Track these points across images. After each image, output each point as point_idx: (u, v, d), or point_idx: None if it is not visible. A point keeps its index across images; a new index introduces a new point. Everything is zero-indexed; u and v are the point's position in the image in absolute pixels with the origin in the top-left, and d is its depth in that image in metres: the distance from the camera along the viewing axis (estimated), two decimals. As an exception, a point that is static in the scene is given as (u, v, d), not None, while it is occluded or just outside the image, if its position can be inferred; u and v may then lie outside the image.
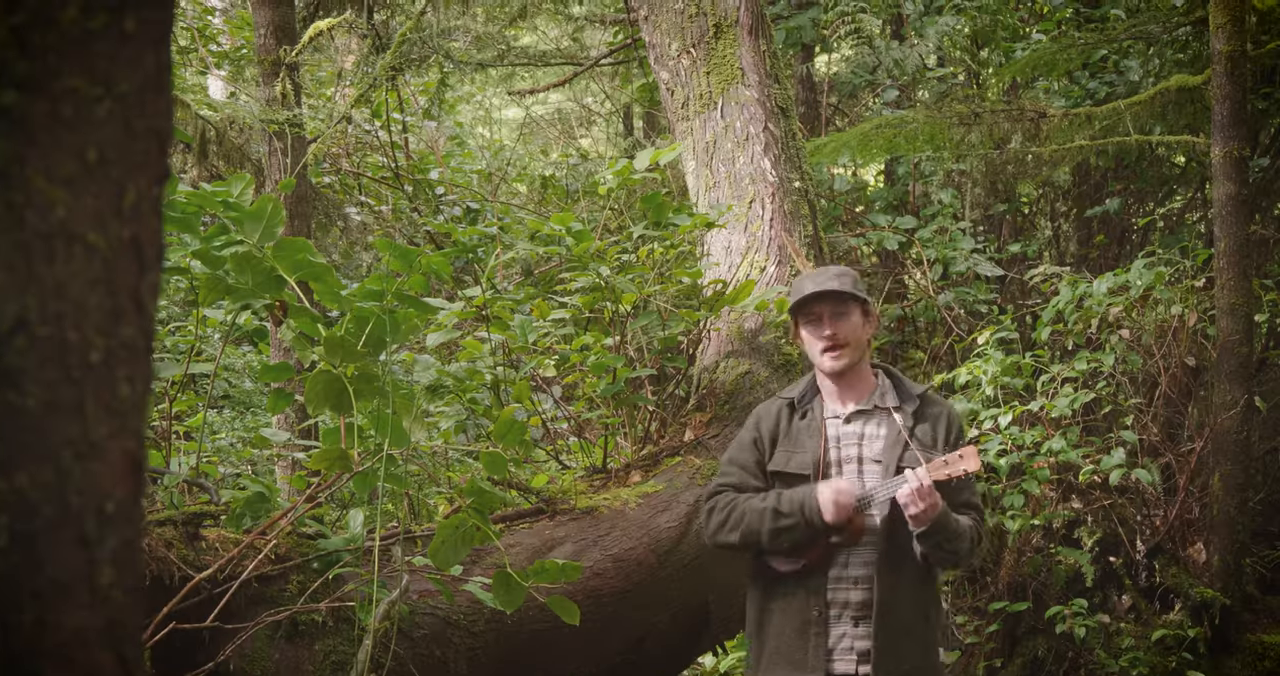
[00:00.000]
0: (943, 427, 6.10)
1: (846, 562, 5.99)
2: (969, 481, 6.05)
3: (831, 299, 6.06)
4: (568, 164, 18.79)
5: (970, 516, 5.98)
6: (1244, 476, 10.43)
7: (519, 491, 7.39)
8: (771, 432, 6.28)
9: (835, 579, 5.99)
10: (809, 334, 6.13)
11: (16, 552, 1.83)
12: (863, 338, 6.14)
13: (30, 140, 1.82)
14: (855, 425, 6.15)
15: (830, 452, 6.12)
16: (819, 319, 6.08)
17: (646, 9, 9.88)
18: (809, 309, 6.11)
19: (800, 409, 6.26)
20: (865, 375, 6.22)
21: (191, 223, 5.46)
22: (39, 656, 1.86)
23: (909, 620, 5.93)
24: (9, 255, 1.80)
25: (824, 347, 6.08)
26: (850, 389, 6.18)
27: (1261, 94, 12.61)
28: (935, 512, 5.73)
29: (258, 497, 6.13)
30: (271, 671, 5.65)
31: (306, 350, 5.65)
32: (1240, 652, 10.45)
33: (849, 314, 6.08)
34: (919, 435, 6.05)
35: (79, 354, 1.88)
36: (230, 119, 14.59)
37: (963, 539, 5.84)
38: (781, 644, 6.05)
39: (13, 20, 1.80)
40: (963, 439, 6.12)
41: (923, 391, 6.22)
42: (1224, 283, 10.32)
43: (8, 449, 1.81)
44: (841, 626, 5.96)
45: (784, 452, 6.20)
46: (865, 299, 6.13)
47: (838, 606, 5.97)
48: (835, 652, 5.96)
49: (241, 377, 14.48)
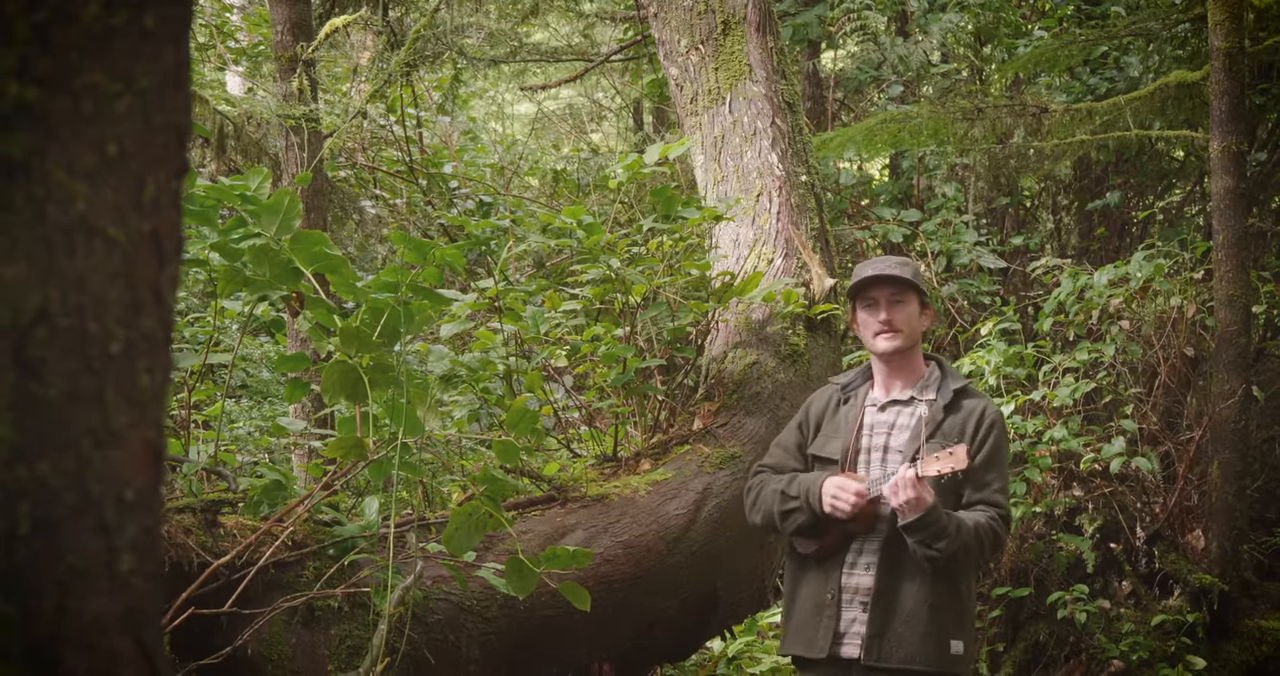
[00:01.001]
0: (973, 423, 6.05)
1: (861, 549, 6.00)
2: (996, 478, 6.01)
3: (890, 284, 6.08)
4: (579, 158, 18.76)
5: (989, 513, 5.91)
6: (1242, 464, 10.43)
7: (531, 479, 7.39)
8: (818, 417, 6.33)
9: (850, 564, 6.00)
10: (865, 316, 6.16)
11: (38, 539, 1.83)
12: (916, 327, 6.15)
13: (51, 135, 1.82)
14: (888, 414, 6.16)
15: (861, 440, 6.14)
16: (876, 303, 6.10)
17: (656, 6, 9.86)
18: (867, 293, 6.13)
19: (846, 394, 6.28)
20: (915, 364, 6.23)
21: (210, 216, 5.46)
22: (60, 642, 1.86)
23: (909, 608, 5.90)
24: (31, 248, 1.80)
25: (877, 331, 6.09)
26: (897, 376, 6.20)
27: (1259, 89, 12.61)
28: (921, 507, 5.70)
29: (275, 485, 6.13)
30: (288, 656, 5.66)
31: (323, 341, 5.65)
32: (1238, 637, 10.45)
33: (906, 302, 6.10)
34: (946, 428, 6.03)
35: (99, 345, 1.87)
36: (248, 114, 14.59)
37: (951, 541, 5.75)
38: (800, 622, 6.10)
39: (35, 17, 1.80)
40: (992, 433, 6.05)
41: (962, 385, 6.19)
42: (1222, 274, 10.32)
43: (30, 438, 1.81)
44: (852, 610, 5.97)
45: (824, 437, 6.26)
46: (923, 290, 6.14)
47: (850, 591, 5.98)
48: (845, 637, 5.96)
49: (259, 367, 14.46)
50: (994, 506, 5.96)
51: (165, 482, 2.87)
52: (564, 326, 8.35)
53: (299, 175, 8.02)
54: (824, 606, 6.00)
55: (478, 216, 15.27)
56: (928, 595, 5.92)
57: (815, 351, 8.45)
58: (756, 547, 7.79)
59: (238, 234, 5.43)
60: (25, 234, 1.80)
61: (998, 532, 5.93)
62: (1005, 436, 6.13)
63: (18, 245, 1.79)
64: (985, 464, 5.96)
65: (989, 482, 5.98)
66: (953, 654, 5.94)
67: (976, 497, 5.94)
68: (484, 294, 7.68)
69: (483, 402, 7.96)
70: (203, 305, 14.15)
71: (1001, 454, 6.06)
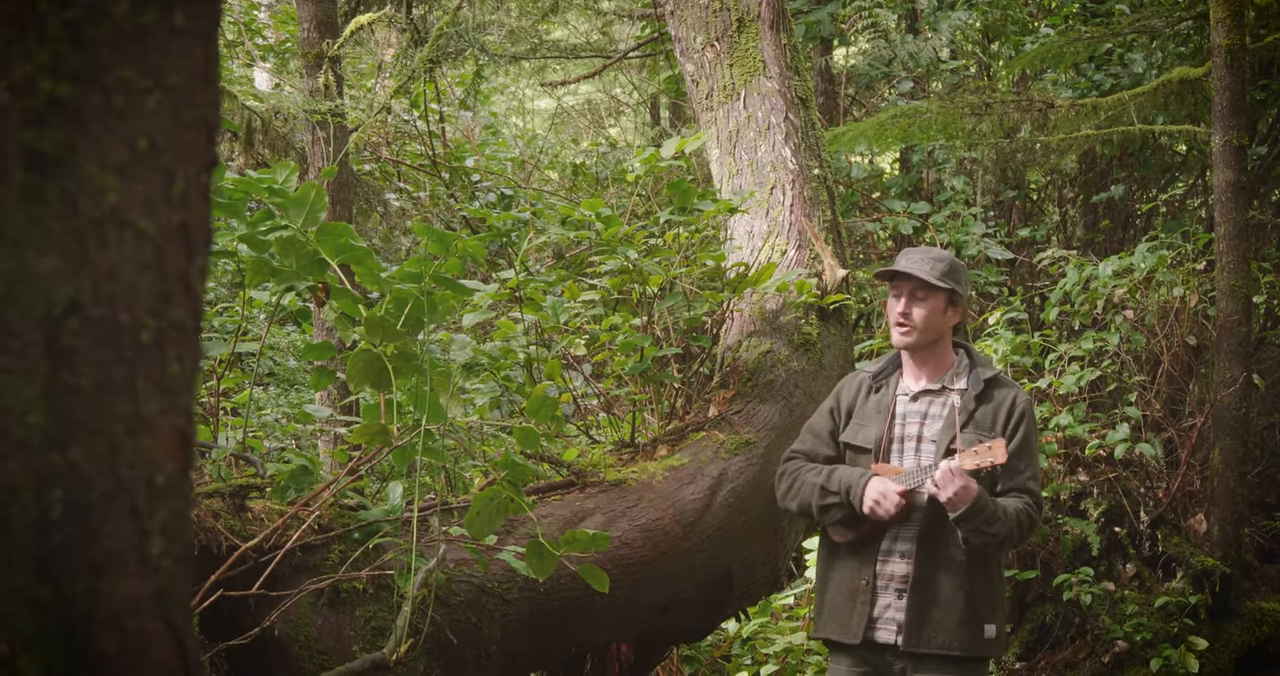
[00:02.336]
0: (1004, 412, 6.06)
1: (897, 536, 6.00)
2: (1027, 466, 6.01)
3: (912, 281, 6.06)
4: (597, 152, 18.72)
5: (1023, 500, 5.93)
6: (1243, 450, 10.44)
7: (551, 464, 7.38)
8: (849, 404, 6.31)
9: (885, 552, 6.01)
10: (891, 304, 6.15)
11: (71, 524, 1.83)
12: (938, 323, 6.10)
13: (83, 130, 1.82)
14: (920, 403, 6.15)
15: (894, 429, 6.13)
16: (900, 294, 6.08)
17: (672, 4, 9.85)
18: (896, 283, 6.12)
19: (877, 383, 6.26)
20: (944, 354, 6.20)
21: (238, 208, 5.45)
22: (92, 623, 1.86)
23: (946, 595, 5.92)
24: (64, 240, 1.80)
25: (895, 322, 6.09)
26: (925, 365, 6.18)
27: (1260, 85, 12.59)
28: (969, 498, 5.71)
29: (301, 470, 6.14)
30: (314, 636, 5.66)
31: (348, 330, 5.65)
32: (1239, 618, 10.47)
33: (930, 299, 6.05)
34: (978, 418, 6.03)
35: (130, 334, 1.88)
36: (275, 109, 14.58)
37: (1001, 523, 5.80)
38: (835, 606, 6.11)
39: (67, 15, 1.80)
40: (1024, 422, 6.05)
41: (994, 375, 6.17)
42: (1224, 265, 10.32)
43: (63, 425, 1.82)
44: (887, 597, 5.98)
45: (855, 425, 6.25)
46: (951, 288, 6.08)
47: (885, 578, 6.00)
48: (879, 622, 5.98)
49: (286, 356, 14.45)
50: (1027, 493, 5.99)
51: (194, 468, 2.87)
52: (583, 316, 8.34)
53: (325, 169, 8.02)
54: (858, 592, 6.01)
55: (499, 209, 15.27)
56: (964, 582, 5.95)
57: (827, 340, 8.45)
58: (770, 531, 7.79)
59: (265, 226, 5.43)
60: (58, 226, 1.80)
61: (1034, 518, 5.98)
62: (1035, 424, 6.14)
63: (51, 237, 1.79)
64: (1017, 452, 5.96)
65: (1021, 470, 5.99)
66: (986, 638, 5.97)
67: (1009, 485, 5.96)
68: (505, 284, 7.68)
69: (504, 390, 7.96)
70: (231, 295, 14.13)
71: (1032, 442, 6.07)
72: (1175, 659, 10.00)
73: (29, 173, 1.78)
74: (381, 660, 5.24)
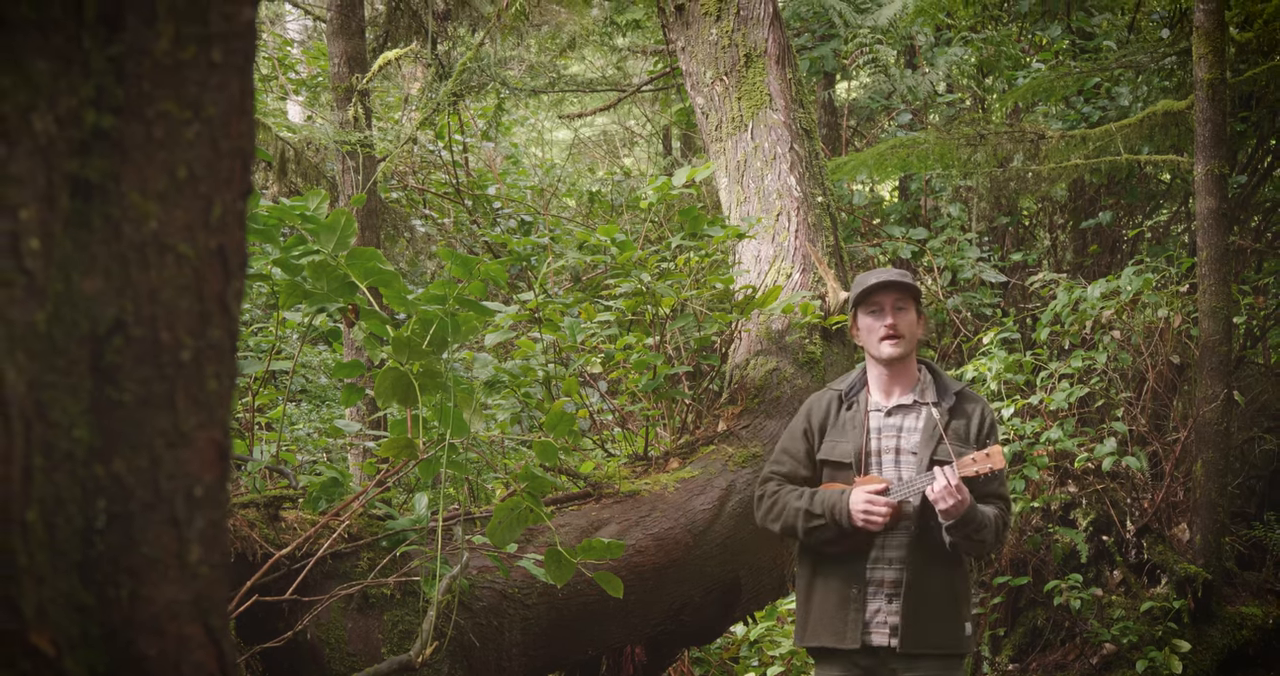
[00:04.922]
0: (975, 423, 6.08)
1: (884, 544, 5.98)
2: (999, 474, 6.02)
3: (895, 290, 6.06)
4: (612, 180, 18.77)
5: (997, 506, 5.96)
6: (1224, 463, 10.44)
7: (568, 476, 7.38)
8: (821, 423, 6.26)
9: (874, 559, 5.99)
10: (870, 322, 6.11)
11: (114, 533, 1.83)
12: (916, 333, 6.13)
13: (126, 159, 1.82)
14: (896, 418, 6.12)
15: (871, 443, 6.11)
16: (881, 309, 6.07)
17: (684, 41, 9.86)
18: (872, 299, 6.09)
19: (848, 400, 6.24)
20: (911, 369, 6.19)
21: (272, 234, 5.46)
22: (134, 627, 1.86)
23: (937, 599, 5.92)
24: (107, 264, 1.80)
25: (883, 335, 6.06)
26: (896, 381, 6.16)
27: (1240, 117, 12.58)
28: (964, 507, 5.72)
29: (332, 482, 6.14)
30: (344, 639, 5.66)
31: (376, 349, 5.65)
32: (1221, 623, 10.47)
33: (908, 309, 6.08)
34: (953, 429, 6.03)
35: (171, 353, 1.88)
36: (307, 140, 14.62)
37: (987, 529, 5.83)
38: (824, 615, 6.06)
39: (110, 50, 1.81)
40: (994, 433, 6.09)
41: (960, 388, 6.19)
42: (1206, 288, 10.32)
43: (106, 438, 1.82)
44: (877, 602, 5.96)
45: (831, 441, 6.19)
46: (921, 299, 6.14)
47: (874, 584, 5.98)
48: (871, 626, 5.96)
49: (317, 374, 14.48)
50: (1001, 498, 6.03)
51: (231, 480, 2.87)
52: (599, 336, 8.34)
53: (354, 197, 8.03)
54: (849, 600, 5.98)
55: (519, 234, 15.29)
56: (950, 584, 5.97)
57: (830, 359, 8.45)
58: (776, 540, 7.78)
59: (298, 250, 5.43)
60: (102, 250, 1.80)
61: (1008, 522, 6.04)
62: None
63: (95, 261, 1.80)
64: None
65: (994, 478, 6.00)
66: (966, 634, 6.00)
67: (985, 492, 5.96)
68: (525, 306, 7.68)
69: (524, 406, 7.97)
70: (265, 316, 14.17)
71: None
72: (1160, 661, 9.99)
73: (75, 199, 1.79)
74: (408, 662, 5.23)
